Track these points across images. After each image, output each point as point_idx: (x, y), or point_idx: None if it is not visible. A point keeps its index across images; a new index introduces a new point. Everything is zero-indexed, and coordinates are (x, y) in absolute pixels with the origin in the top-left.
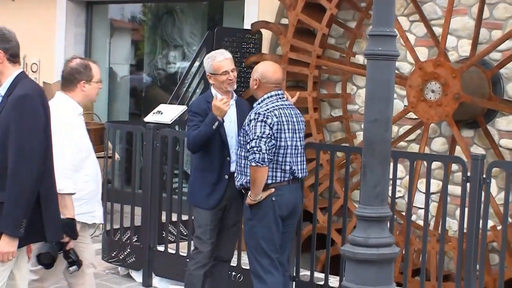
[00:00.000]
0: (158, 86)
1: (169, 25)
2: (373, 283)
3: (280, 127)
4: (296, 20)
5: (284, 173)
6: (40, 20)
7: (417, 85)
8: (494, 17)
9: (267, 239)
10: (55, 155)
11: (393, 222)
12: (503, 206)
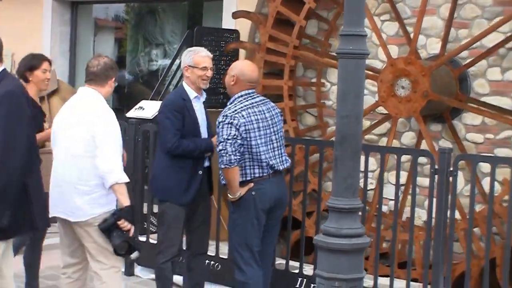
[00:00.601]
0: (140, 82)
1: (150, 24)
2: (344, 272)
3: (249, 127)
4: (275, 11)
5: (262, 169)
6: (27, 19)
7: (388, 81)
8: (461, 16)
9: (249, 232)
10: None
11: (365, 213)
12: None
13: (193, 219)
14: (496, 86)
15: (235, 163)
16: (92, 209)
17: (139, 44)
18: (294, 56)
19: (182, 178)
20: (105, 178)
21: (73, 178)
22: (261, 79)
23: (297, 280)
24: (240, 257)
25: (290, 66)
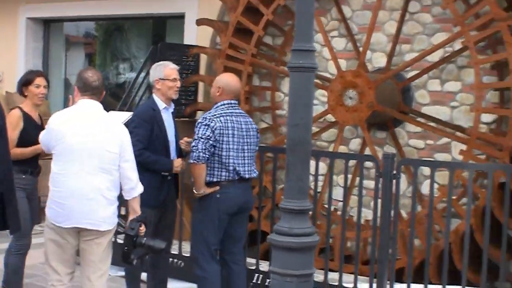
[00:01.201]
0: (108, 94)
1: (118, 40)
2: (296, 268)
3: (223, 131)
4: (236, 21)
5: (229, 173)
6: (3, 36)
7: (337, 91)
8: (404, 33)
9: (210, 232)
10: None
11: (315, 213)
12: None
13: (160, 220)
14: (436, 97)
15: (203, 160)
16: (115, 218)
17: (107, 59)
18: (251, 63)
19: (154, 183)
20: (133, 189)
21: (103, 189)
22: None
23: (254, 275)
24: (200, 254)
25: (247, 72)
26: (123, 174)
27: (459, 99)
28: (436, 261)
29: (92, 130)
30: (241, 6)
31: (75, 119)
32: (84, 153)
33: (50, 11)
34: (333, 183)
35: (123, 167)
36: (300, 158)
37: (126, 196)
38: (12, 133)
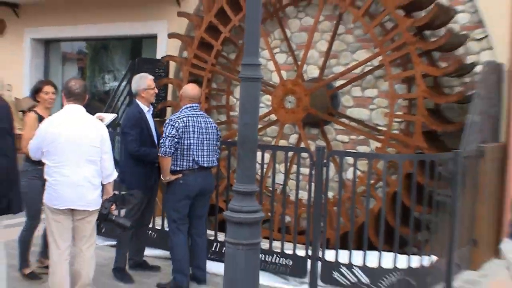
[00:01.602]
0: (96, 99)
1: (104, 56)
2: (246, 238)
3: (185, 129)
4: (200, 36)
5: (189, 163)
6: (12, 54)
7: (279, 96)
8: (332, 50)
9: (175, 210)
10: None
11: (262, 195)
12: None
13: (148, 200)
14: (358, 101)
15: (169, 154)
16: (99, 200)
17: (95, 71)
18: (211, 71)
19: (146, 171)
20: (110, 175)
21: (90, 177)
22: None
23: (213, 244)
24: (170, 227)
25: (207, 78)
26: (103, 164)
27: (376, 103)
28: (357, 233)
29: (78, 129)
30: (204, 24)
31: (63, 122)
32: (73, 148)
33: (49, 33)
34: (275, 170)
35: (103, 158)
36: (248, 151)
37: (104, 181)
38: (30, 133)
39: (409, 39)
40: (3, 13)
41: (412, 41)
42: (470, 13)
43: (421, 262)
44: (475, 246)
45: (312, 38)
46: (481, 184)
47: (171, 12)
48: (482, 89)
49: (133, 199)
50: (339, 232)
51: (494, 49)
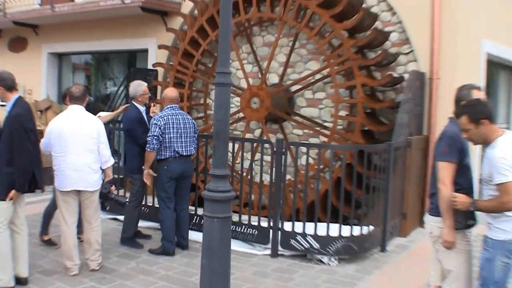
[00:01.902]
0: (99, 101)
1: (105, 66)
2: (220, 213)
3: (166, 126)
4: (183, 48)
5: (171, 153)
6: (32, 65)
7: (246, 98)
8: (290, 60)
9: (163, 190)
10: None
11: (233, 178)
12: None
13: None
14: (310, 102)
15: (154, 150)
16: (99, 181)
17: (99, 78)
18: (192, 76)
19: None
20: (107, 161)
21: (90, 163)
22: (174, 73)
23: (194, 218)
24: (160, 204)
25: (189, 81)
26: (100, 151)
27: (324, 103)
28: (309, 209)
29: (78, 124)
30: (187, 38)
31: (66, 120)
32: (75, 140)
33: (62, 48)
34: (243, 158)
35: (100, 147)
36: (222, 142)
37: (103, 166)
38: None
39: (352, 56)
40: (26, 32)
41: (354, 57)
42: (398, 32)
43: (361, 231)
44: (404, 218)
45: (274, 51)
46: (409, 168)
47: (159, 31)
48: (408, 93)
49: (136, 182)
50: (295, 207)
51: (418, 61)
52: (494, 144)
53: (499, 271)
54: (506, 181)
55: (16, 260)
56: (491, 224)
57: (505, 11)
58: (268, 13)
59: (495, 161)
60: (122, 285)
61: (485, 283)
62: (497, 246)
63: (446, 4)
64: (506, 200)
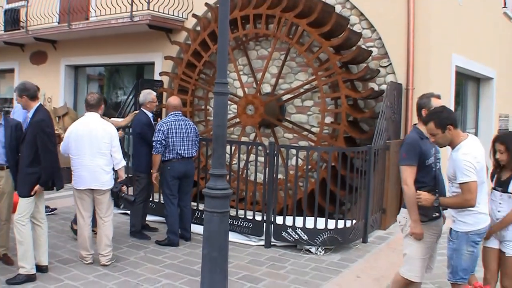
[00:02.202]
0: (111, 108)
1: (117, 77)
2: (219, 208)
3: (170, 131)
4: (187, 59)
5: (174, 155)
6: (52, 76)
7: (243, 105)
8: (281, 72)
9: (167, 188)
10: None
11: (231, 176)
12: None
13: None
14: (299, 109)
15: (159, 153)
16: (111, 181)
17: (111, 88)
18: (194, 84)
19: (150, 160)
20: (118, 163)
21: (102, 165)
22: (176, 94)
23: (195, 212)
24: (165, 200)
25: (192, 89)
26: (113, 155)
27: (312, 110)
28: (298, 205)
29: (94, 129)
30: (191, 50)
31: (82, 126)
32: (89, 144)
33: (78, 61)
34: (240, 159)
35: (112, 151)
36: (220, 145)
37: (115, 167)
38: None
39: (337, 70)
40: (45, 47)
41: (339, 72)
42: (378, 48)
43: (345, 225)
44: (383, 213)
45: (267, 64)
46: (387, 168)
47: (164, 46)
48: (387, 102)
49: (142, 180)
50: (286, 203)
51: (395, 73)
52: (458, 147)
53: (466, 260)
54: (468, 181)
55: (37, 250)
56: (455, 217)
57: (473, 28)
58: (264, 30)
59: (459, 163)
60: (132, 273)
61: (454, 270)
62: (462, 238)
63: (420, 22)
64: (468, 197)
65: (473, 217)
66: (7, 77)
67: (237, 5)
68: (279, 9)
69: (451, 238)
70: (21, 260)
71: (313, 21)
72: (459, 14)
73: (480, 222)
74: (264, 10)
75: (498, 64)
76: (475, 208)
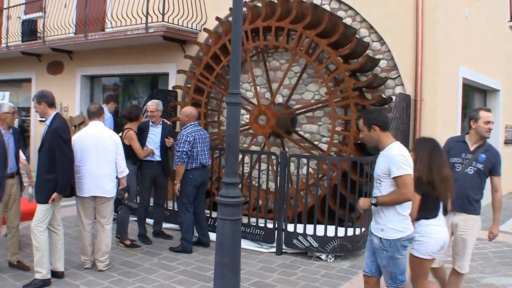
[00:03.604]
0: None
1: (132, 87)
2: (231, 216)
3: (195, 141)
4: (199, 72)
5: (197, 164)
6: (68, 86)
7: (255, 114)
8: (292, 84)
9: (186, 196)
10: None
11: (242, 185)
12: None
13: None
14: (310, 119)
15: (184, 163)
16: (114, 189)
17: (126, 98)
18: (210, 86)
19: None
20: (123, 171)
21: (107, 173)
22: (192, 95)
23: (209, 220)
24: (180, 208)
25: (207, 91)
26: (117, 163)
27: (322, 121)
28: (309, 212)
29: (100, 138)
30: (203, 63)
31: (89, 133)
32: (96, 152)
33: (94, 71)
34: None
35: (117, 159)
36: (233, 154)
37: (118, 175)
38: (137, 143)
39: (351, 94)
40: (62, 57)
41: (352, 95)
42: (387, 60)
43: (354, 232)
44: None
45: (284, 77)
46: None
47: (178, 57)
48: (396, 112)
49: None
50: (297, 211)
51: (404, 85)
52: (390, 147)
53: (402, 264)
54: (404, 174)
55: (53, 256)
56: (384, 226)
57: (479, 41)
58: (284, 44)
59: (394, 158)
60: (146, 278)
61: (394, 277)
62: (395, 245)
63: (428, 35)
64: (404, 191)
65: (404, 223)
66: (24, 86)
67: (247, 18)
68: (288, 20)
69: (384, 248)
70: (37, 265)
71: (321, 32)
72: (466, 27)
73: (409, 228)
74: (273, 22)
75: (505, 76)
76: (404, 213)
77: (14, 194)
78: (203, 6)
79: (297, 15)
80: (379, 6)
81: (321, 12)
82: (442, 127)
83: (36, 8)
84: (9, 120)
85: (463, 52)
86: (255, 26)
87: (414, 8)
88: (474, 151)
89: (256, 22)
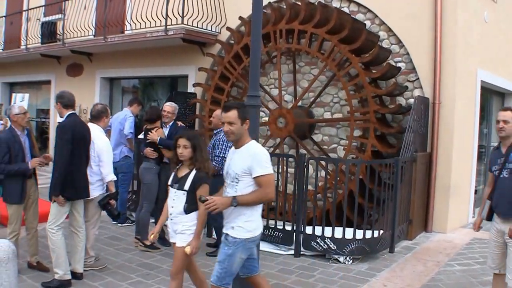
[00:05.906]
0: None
1: (151, 89)
2: None
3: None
4: (215, 82)
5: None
6: (88, 88)
7: (275, 115)
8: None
9: None
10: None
11: None
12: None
13: None
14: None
15: None
16: (98, 191)
17: (145, 100)
18: (226, 96)
19: None
20: (104, 177)
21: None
22: (211, 93)
23: None
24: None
25: (228, 90)
26: (101, 166)
27: (341, 123)
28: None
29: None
30: (218, 73)
31: None
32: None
33: (113, 73)
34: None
35: (101, 165)
36: None
37: (104, 180)
38: None
39: (367, 86)
40: (82, 59)
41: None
42: (406, 62)
43: (372, 235)
44: (410, 223)
45: (312, 83)
46: (414, 180)
47: (198, 59)
48: (414, 115)
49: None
50: (315, 214)
51: (423, 88)
52: (249, 145)
53: (237, 266)
54: (268, 173)
55: (73, 257)
56: (234, 224)
57: (498, 44)
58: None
59: (258, 156)
60: (164, 280)
61: (223, 275)
62: (239, 244)
63: (446, 38)
64: (269, 190)
65: (254, 223)
66: (43, 88)
67: (270, 20)
68: (312, 24)
69: (227, 244)
70: (55, 266)
71: (344, 38)
72: (484, 30)
73: (259, 228)
74: (297, 25)
75: None
76: (257, 213)
77: (32, 195)
78: (222, 8)
79: (321, 19)
80: (398, 9)
81: (345, 16)
82: (460, 130)
83: (55, 10)
84: (21, 120)
85: (482, 55)
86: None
87: (433, 11)
88: (506, 153)
89: (280, 24)
